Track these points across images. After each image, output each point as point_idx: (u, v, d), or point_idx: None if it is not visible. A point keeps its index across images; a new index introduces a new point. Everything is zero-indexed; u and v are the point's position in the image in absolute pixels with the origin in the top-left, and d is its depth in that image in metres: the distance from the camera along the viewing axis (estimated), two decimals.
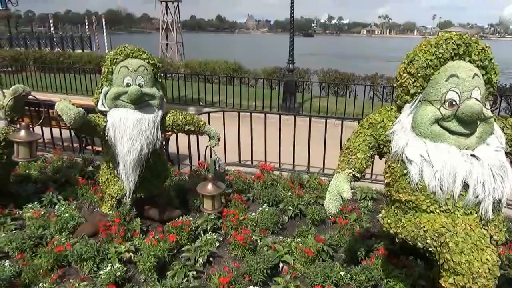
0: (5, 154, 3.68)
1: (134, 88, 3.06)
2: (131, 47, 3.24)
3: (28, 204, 3.91)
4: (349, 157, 2.36)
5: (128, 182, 3.29)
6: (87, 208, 4.10)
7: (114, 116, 3.15)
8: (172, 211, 3.80)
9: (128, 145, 3.14)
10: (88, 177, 4.70)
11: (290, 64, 9.64)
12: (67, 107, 2.79)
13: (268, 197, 4.12)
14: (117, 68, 3.16)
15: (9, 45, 20.37)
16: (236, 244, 3.19)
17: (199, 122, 3.56)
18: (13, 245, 3.06)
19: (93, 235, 3.44)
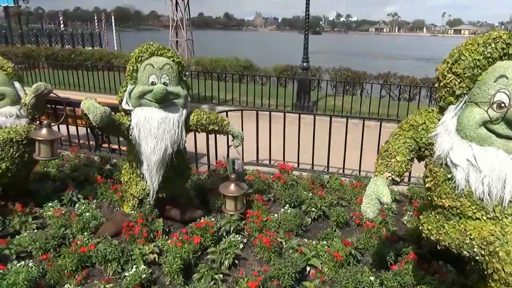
0: (26, 153, 3.64)
1: (159, 86, 3.00)
2: (156, 45, 3.18)
3: (48, 203, 3.88)
4: (388, 160, 2.28)
5: (151, 182, 3.23)
6: (107, 207, 4.06)
7: (138, 115, 3.09)
8: (194, 212, 3.74)
9: (153, 144, 3.08)
10: (106, 176, 4.67)
11: (304, 63, 9.53)
12: (93, 105, 2.74)
13: (290, 198, 4.05)
14: (142, 66, 3.10)
15: (21, 42, 20.46)
16: (261, 246, 3.12)
17: (223, 121, 3.49)
18: (36, 245, 3.03)
19: (115, 235, 3.40)
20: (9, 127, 3.52)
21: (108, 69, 14.74)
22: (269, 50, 48.24)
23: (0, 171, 3.52)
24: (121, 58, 17.04)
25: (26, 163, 3.72)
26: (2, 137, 3.46)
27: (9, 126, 3.52)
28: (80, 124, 5.99)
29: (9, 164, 3.54)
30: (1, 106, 3.55)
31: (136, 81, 3.13)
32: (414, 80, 13.45)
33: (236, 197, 3.53)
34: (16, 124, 3.57)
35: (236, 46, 49.95)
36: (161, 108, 3.14)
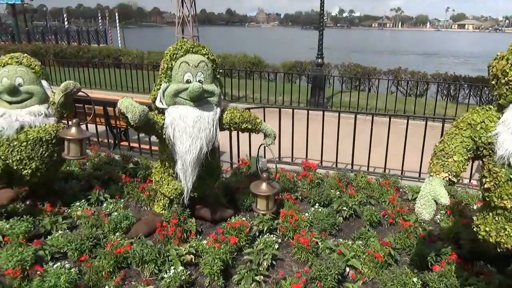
0: (55, 152, 3.59)
1: (195, 85, 2.94)
2: (190, 42, 3.12)
3: (76, 202, 3.84)
4: (445, 160, 2.21)
5: (186, 181, 3.18)
6: (134, 207, 4.02)
7: (173, 114, 3.04)
8: (224, 211, 3.70)
9: (188, 143, 3.03)
10: (130, 174, 4.63)
11: (318, 59, 9.43)
12: (132, 105, 2.68)
13: (319, 197, 3.99)
14: (177, 64, 3.03)
15: (28, 40, 20.44)
16: (299, 247, 3.07)
17: (256, 119, 3.43)
18: (72, 246, 2.98)
19: (148, 235, 3.36)
20: (38, 126, 3.47)
21: (115, 66, 14.74)
22: (274, 46, 48.10)
23: (30, 170, 3.48)
24: (129, 55, 17.02)
25: (55, 163, 3.68)
26: (32, 136, 3.41)
27: (38, 125, 3.47)
28: (99, 122, 5.95)
29: (38, 163, 3.50)
30: (29, 105, 3.50)
31: (170, 79, 3.07)
32: (425, 76, 13.37)
33: (268, 196, 3.47)
34: (45, 123, 3.51)
35: (240, 42, 49.74)
36: (196, 107, 3.08)
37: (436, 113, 9.08)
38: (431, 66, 22.34)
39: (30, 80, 3.53)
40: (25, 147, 3.40)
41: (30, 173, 3.50)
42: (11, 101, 3.43)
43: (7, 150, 3.36)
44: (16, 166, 3.42)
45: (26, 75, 3.51)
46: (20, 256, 2.77)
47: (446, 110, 9.23)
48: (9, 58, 3.54)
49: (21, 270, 2.70)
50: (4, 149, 3.35)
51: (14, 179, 3.51)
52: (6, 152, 3.36)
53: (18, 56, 3.58)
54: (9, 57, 3.56)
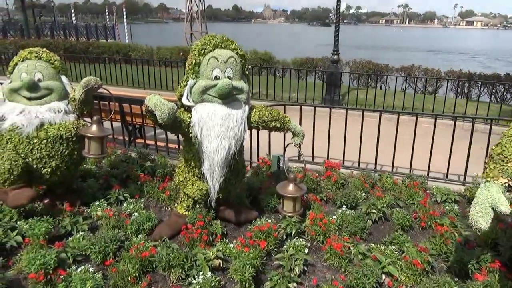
0: (75, 150, 3.48)
1: (225, 81, 2.79)
2: (219, 36, 2.96)
3: (95, 202, 3.73)
4: (504, 164, 2.05)
5: (213, 182, 3.04)
6: (154, 207, 3.90)
7: (200, 112, 2.90)
8: (249, 213, 3.56)
9: (216, 143, 2.89)
10: (148, 173, 4.51)
11: (334, 55, 9.25)
12: (160, 102, 2.55)
13: (346, 199, 3.84)
14: (205, 59, 2.89)
15: (37, 35, 20.40)
16: (332, 252, 2.92)
17: (284, 118, 3.28)
18: (95, 248, 2.86)
19: (171, 237, 3.24)
20: (58, 123, 3.35)
21: (125, 62, 14.64)
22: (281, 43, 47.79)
23: (50, 169, 3.37)
24: (138, 51, 16.91)
25: (75, 161, 3.56)
26: (52, 133, 3.30)
27: (58, 122, 3.35)
28: (114, 119, 5.83)
29: (58, 162, 3.39)
30: (48, 101, 3.38)
31: (198, 75, 2.93)
32: (439, 73, 13.15)
33: (295, 197, 3.35)
34: (65, 120, 3.40)
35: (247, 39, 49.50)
36: (224, 104, 2.94)
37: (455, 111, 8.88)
38: (439, 63, 22.06)
39: (49, 75, 3.41)
40: (45, 145, 3.29)
41: (50, 172, 3.39)
42: (30, 97, 3.32)
43: (26, 148, 3.25)
44: (36, 164, 3.31)
45: (46, 70, 3.40)
46: (43, 259, 2.65)
47: (466, 108, 9.01)
48: (28, 53, 3.42)
49: (43, 274, 2.59)
50: (24, 147, 3.24)
51: (33, 177, 3.40)
52: (25, 150, 3.25)
53: (38, 51, 3.46)
54: (28, 51, 3.44)
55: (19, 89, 3.30)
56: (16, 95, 3.32)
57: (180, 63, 14.75)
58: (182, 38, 23.94)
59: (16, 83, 3.31)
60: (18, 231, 3.18)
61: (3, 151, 3.22)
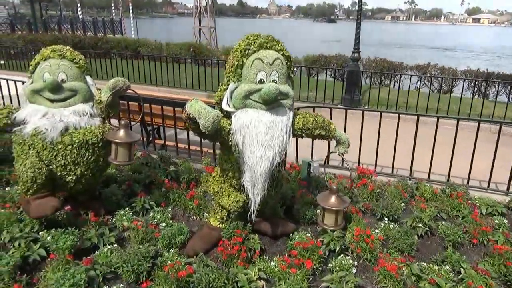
0: (101, 156, 3.24)
1: (272, 85, 2.53)
2: (264, 36, 2.70)
3: (120, 210, 3.50)
4: None
5: (254, 195, 2.79)
6: (182, 216, 3.67)
7: (243, 118, 2.64)
8: (286, 225, 3.32)
9: (260, 153, 2.63)
10: (172, 178, 4.27)
11: (355, 53, 8.94)
12: (205, 109, 2.30)
13: (388, 210, 3.59)
14: (249, 61, 2.63)
15: (44, 29, 20.16)
16: (385, 274, 2.67)
17: (330, 125, 3.02)
18: (128, 267, 2.63)
19: (205, 252, 3.00)
20: (84, 127, 3.11)
21: (134, 57, 14.39)
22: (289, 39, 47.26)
23: (75, 176, 3.14)
24: (147, 47, 16.66)
25: (100, 168, 3.33)
26: (77, 139, 3.06)
27: (83, 127, 3.11)
28: (133, 119, 5.59)
29: (84, 169, 3.15)
30: (72, 103, 3.14)
31: (240, 78, 2.67)
32: (455, 72, 12.83)
33: (338, 211, 3.11)
34: (90, 124, 3.15)
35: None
36: (268, 110, 2.68)
37: (472, 112, 8.59)
38: (446, 60, 21.63)
39: (74, 76, 3.16)
40: (70, 151, 3.05)
41: (75, 180, 3.16)
42: (53, 99, 3.07)
43: (50, 155, 3.01)
44: (60, 172, 3.08)
45: (70, 70, 3.15)
46: (72, 279, 2.43)
47: (483, 109, 8.69)
48: (51, 51, 3.18)
49: None
50: (48, 153, 3.01)
51: (56, 185, 3.17)
52: (49, 157, 3.02)
53: (61, 49, 3.22)
54: (51, 49, 3.19)
55: (42, 90, 3.06)
56: (38, 96, 3.08)
57: (189, 59, 14.56)
58: (188, 33, 23.69)
59: (38, 83, 3.07)
60: (41, 243, 2.96)
61: (25, 157, 2.98)
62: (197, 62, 14.32)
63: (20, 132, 3.02)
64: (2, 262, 2.63)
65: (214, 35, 23.47)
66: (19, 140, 3.03)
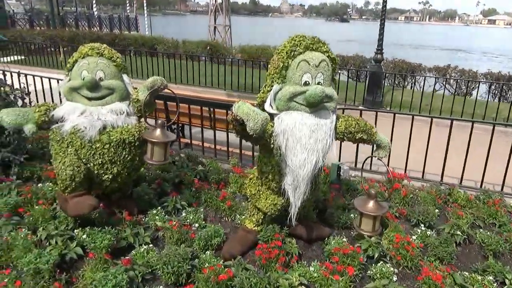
0: (137, 155, 3.23)
1: (318, 88, 2.48)
2: (310, 37, 2.64)
3: (152, 210, 3.48)
4: None
5: (295, 198, 2.74)
6: (214, 217, 3.63)
7: (286, 121, 2.59)
8: (322, 230, 3.27)
9: (303, 156, 2.58)
10: (200, 178, 4.24)
11: (378, 54, 8.82)
12: (253, 111, 2.25)
13: (424, 217, 3.51)
14: (294, 63, 2.58)
15: (62, 26, 20.36)
16: (430, 283, 2.60)
17: (371, 129, 2.95)
18: (168, 268, 2.60)
19: (242, 255, 2.96)
20: (121, 126, 3.09)
21: (151, 54, 14.43)
22: None
23: (111, 175, 3.13)
24: (164, 44, 16.69)
25: (136, 167, 3.32)
26: (115, 137, 3.04)
27: (120, 125, 3.09)
28: (159, 117, 5.59)
29: (120, 168, 3.14)
30: (109, 102, 3.12)
31: (284, 79, 2.62)
32: (475, 75, 12.62)
33: (376, 216, 3.05)
34: (127, 123, 3.13)
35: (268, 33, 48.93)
36: (312, 113, 2.63)
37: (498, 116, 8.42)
38: (461, 62, 21.29)
39: (111, 74, 3.15)
40: (108, 149, 3.04)
41: (111, 179, 3.15)
42: (91, 97, 3.06)
43: (88, 153, 3.01)
44: (97, 170, 3.07)
45: (108, 69, 3.13)
46: (115, 280, 2.41)
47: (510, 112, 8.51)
48: (89, 49, 3.16)
49: None
50: (86, 151, 3.00)
51: (92, 184, 3.16)
52: (87, 155, 3.01)
53: (99, 47, 3.20)
54: (89, 47, 3.18)
55: (80, 88, 3.05)
56: (76, 94, 3.07)
57: (205, 57, 14.55)
58: (202, 31, 23.68)
59: (77, 81, 3.06)
60: (77, 241, 2.96)
61: (64, 155, 2.98)
62: (214, 60, 14.31)
63: (58, 129, 3.01)
64: (42, 260, 2.62)
65: (229, 33, 23.45)
66: (57, 137, 3.03)
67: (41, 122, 3.03)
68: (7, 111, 2.92)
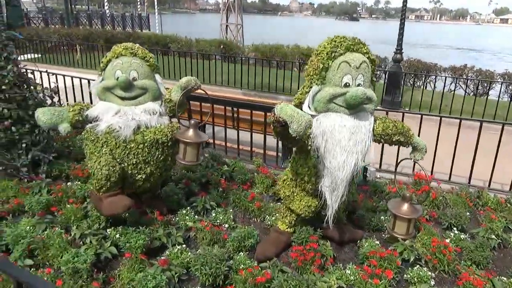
0: (169, 156, 3.23)
1: (359, 90, 2.45)
2: (350, 38, 2.61)
3: (182, 210, 3.49)
4: None
5: (332, 201, 2.72)
6: (242, 218, 3.63)
7: (325, 123, 2.56)
8: (354, 232, 3.25)
9: (342, 158, 2.56)
10: (226, 178, 4.24)
11: (397, 54, 8.72)
12: (298, 113, 2.23)
13: (456, 220, 3.47)
14: (335, 64, 2.55)
15: (76, 24, 20.54)
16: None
17: (408, 131, 2.91)
18: (206, 269, 2.60)
19: (276, 257, 2.95)
20: (154, 126, 3.09)
21: (164, 53, 14.48)
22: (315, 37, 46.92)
23: (144, 175, 3.14)
24: (178, 43, 16.73)
25: (168, 167, 3.32)
26: (149, 137, 3.05)
27: (154, 125, 3.09)
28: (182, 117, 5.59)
29: (153, 168, 3.15)
30: (142, 101, 3.13)
31: (324, 81, 2.60)
32: (492, 75, 12.44)
33: (410, 219, 3.00)
34: (160, 123, 3.14)
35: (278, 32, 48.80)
36: (351, 115, 2.60)
37: None
38: (470, 61, 20.99)
39: (144, 74, 3.15)
40: (142, 149, 3.04)
41: (144, 178, 3.15)
42: (124, 97, 3.07)
43: (123, 153, 3.02)
44: (131, 170, 3.08)
45: (141, 69, 3.14)
46: (154, 281, 2.42)
47: None
48: (123, 49, 3.17)
49: None
50: (121, 151, 3.01)
51: (125, 184, 3.17)
52: (122, 155, 3.02)
53: (133, 47, 3.21)
54: (123, 47, 3.19)
55: (113, 88, 3.06)
56: (109, 94, 3.08)
57: (218, 56, 14.57)
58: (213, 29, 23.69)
59: (111, 81, 3.06)
60: (111, 241, 2.97)
61: (99, 155, 2.99)
62: (227, 59, 14.31)
63: (93, 129, 3.03)
64: (80, 260, 2.64)
65: (241, 32, 23.45)
66: (91, 137, 3.05)
67: (75, 121, 3.04)
68: (43, 110, 2.94)
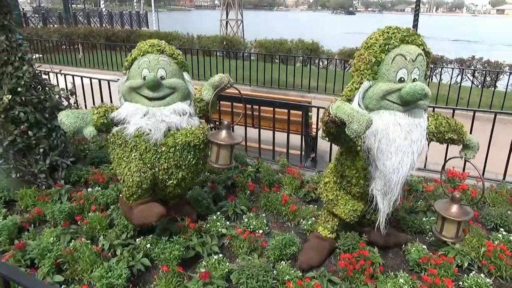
0: (201, 159, 3.03)
1: (418, 85, 2.25)
2: (405, 29, 2.40)
3: (212, 215, 3.29)
4: None
5: (384, 205, 2.53)
6: (275, 223, 3.43)
7: (378, 121, 2.37)
8: (399, 235, 3.07)
9: (398, 159, 2.36)
10: (252, 180, 4.04)
11: None
12: (358, 112, 2.03)
13: (503, 220, 3.29)
14: (388, 57, 2.34)
15: (74, 23, 20.21)
16: None
17: (462, 128, 2.71)
18: (253, 283, 2.40)
19: (319, 265, 2.77)
20: (185, 128, 2.89)
21: None
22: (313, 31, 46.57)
23: (176, 180, 2.93)
24: (179, 40, 16.47)
25: (199, 171, 3.12)
26: (181, 140, 2.83)
27: (184, 127, 2.89)
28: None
29: (185, 172, 2.94)
30: (171, 102, 2.91)
31: (375, 75, 2.39)
32: (500, 66, 12.28)
33: (460, 222, 2.82)
34: (190, 125, 2.93)
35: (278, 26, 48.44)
36: (404, 112, 2.41)
37: None
38: (468, 53, 20.80)
39: (172, 72, 2.93)
40: (173, 153, 2.84)
41: (175, 184, 2.95)
42: (152, 97, 2.86)
43: (154, 157, 2.81)
44: (162, 176, 2.87)
45: (169, 67, 2.92)
46: None
47: None
48: (150, 46, 2.95)
49: None
50: (151, 155, 2.80)
51: (155, 190, 2.97)
52: (153, 160, 2.81)
53: (159, 44, 2.99)
54: (149, 44, 2.97)
55: (140, 88, 2.85)
56: (135, 94, 2.87)
57: (220, 52, 14.33)
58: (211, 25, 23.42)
59: (137, 80, 2.85)
60: (143, 252, 2.78)
61: (128, 160, 2.78)
62: (229, 55, 14.07)
63: (120, 132, 2.82)
64: (114, 274, 2.45)
65: (241, 27, 23.19)
66: (118, 141, 2.83)
67: (100, 124, 2.83)
68: (67, 114, 2.73)
